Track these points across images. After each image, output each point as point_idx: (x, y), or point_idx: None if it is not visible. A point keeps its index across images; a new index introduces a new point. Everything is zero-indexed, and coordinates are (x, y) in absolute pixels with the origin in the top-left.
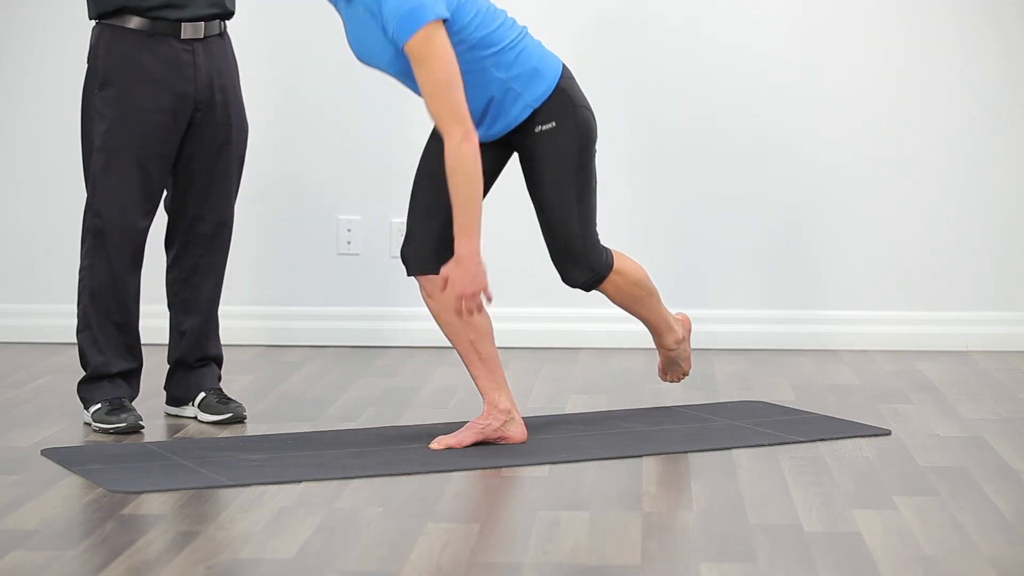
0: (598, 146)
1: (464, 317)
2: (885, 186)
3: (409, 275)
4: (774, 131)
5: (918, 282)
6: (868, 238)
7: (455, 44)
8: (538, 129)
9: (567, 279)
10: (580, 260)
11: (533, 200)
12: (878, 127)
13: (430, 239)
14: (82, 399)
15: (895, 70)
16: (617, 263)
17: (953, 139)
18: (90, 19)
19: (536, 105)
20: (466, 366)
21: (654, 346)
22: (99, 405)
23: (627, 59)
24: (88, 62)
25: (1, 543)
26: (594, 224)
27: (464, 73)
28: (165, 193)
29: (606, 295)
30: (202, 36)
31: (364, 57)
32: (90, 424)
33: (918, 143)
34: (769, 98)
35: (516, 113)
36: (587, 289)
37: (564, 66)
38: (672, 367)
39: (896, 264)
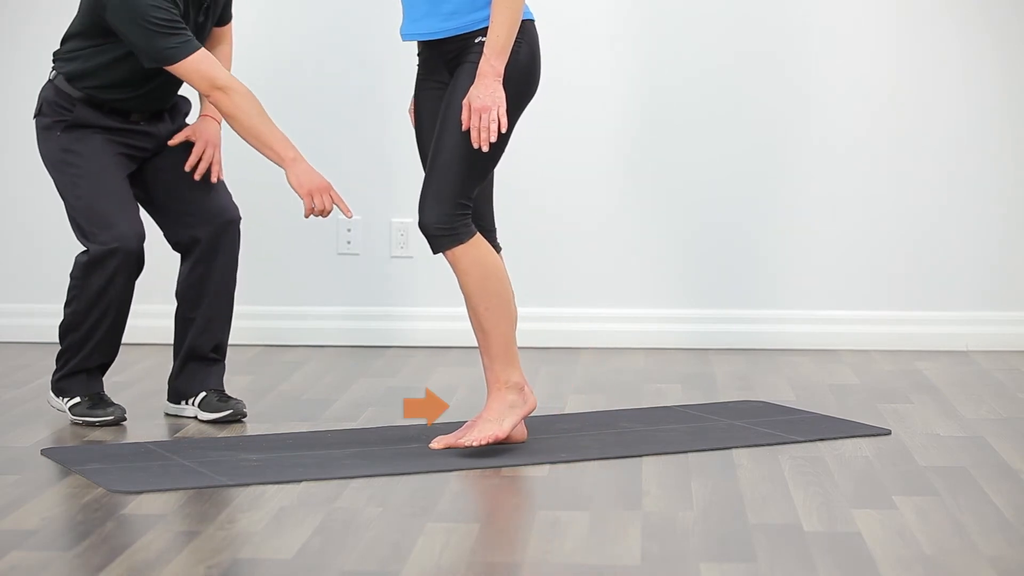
0: (597, 141)
1: (482, 141)
2: (885, 186)
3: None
4: (773, 131)
5: (918, 282)
6: (868, 238)
7: None
8: (478, 40)
9: (422, 217)
10: (446, 202)
11: (442, 114)
12: (877, 128)
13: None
14: (58, 389)
15: (895, 70)
16: (479, 240)
17: (953, 139)
18: (51, 74)
19: None
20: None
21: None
22: (77, 399)
23: (624, 59)
24: (42, 111)
25: (1, 543)
26: (475, 188)
27: None
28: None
29: (458, 272)
30: (147, 116)
31: None
32: (64, 412)
33: (917, 143)
34: (769, 98)
35: (477, 18)
36: (438, 240)
37: (534, 20)
38: (485, 424)
39: (896, 264)
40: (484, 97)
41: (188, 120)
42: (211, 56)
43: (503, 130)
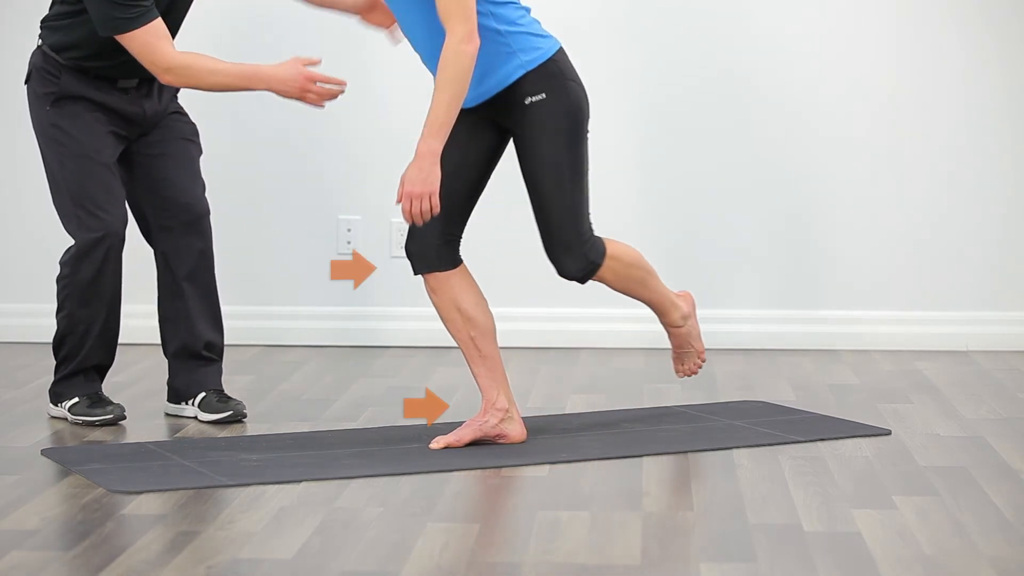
0: (600, 142)
1: (414, 220)
2: (885, 186)
3: (416, 273)
4: (774, 131)
5: (918, 282)
6: (868, 238)
7: None
8: (528, 101)
9: (562, 270)
10: (573, 247)
11: (526, 179)
12: (877, 127)
13: (434, 235)
14: (55, 394)
15: (895, 71)
16: (610, 249)
17: (952, 139)
18: (39, 41)
19: (529, 67)
20: (467, 362)
21: (664, 342)
22: (76, 399)
23: (629, 58)
24: (31, 77)
25: (1, 543)
26: (587, 210)
27: None
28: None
29: (605, 283)
30: (135, 84)
31: None
32: (64, 419)
33: (918, 144)
34: (769, 98)
35: (508, 72)
36: (583, 279)
37: (561, 47)
38: (686, 354)
39: (896, 264)
40: (417, 183)
41: (179, 98)
42: (160, 31)
43: (435, 212)
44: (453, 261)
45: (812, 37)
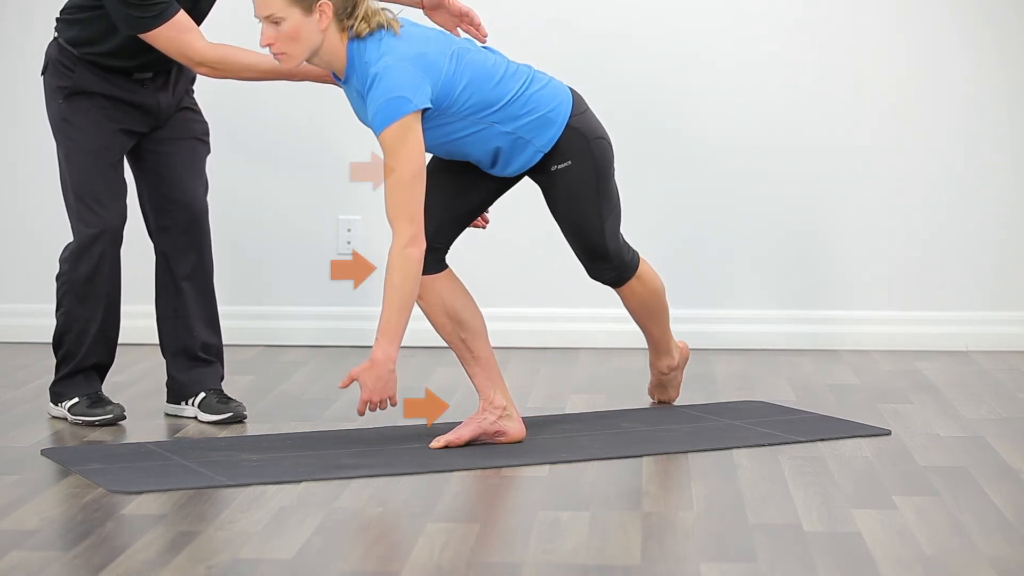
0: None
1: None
2: (885, 187)
3: None
4: (775, 132)
5: (918, 282)
6: (868, 238)
7: (451, 117)
8: (554, 168)
9: (592, 275)
10: (604, 260)
11: (556, 220)
12: (878, 129)
13: None
14: (55, 394)
15: (895, 72)
16: (641, 268)
17: (952, 140)
18: (55, 33)
19: (546, 150)
20: (461, 364)
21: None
22: (76, 399)
23: (633, 59)
24: (47, 69)
25: (1, 543)
26: (618, 227)
27: (467, 135)
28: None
29: (620, 297)
30: (151, 75)
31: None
32: (64, 419)
33: (918, 144)
34: (771, 99)
35: (528, 157)
36: (614, 286)
37: (574, 99)
38: (660, 390)
39: (896, 264)
40: (375, 389)
41: (195, 87)
42: (186, 25)
43: (394, 404)
44: (437, 267)
45: (813, 38)
